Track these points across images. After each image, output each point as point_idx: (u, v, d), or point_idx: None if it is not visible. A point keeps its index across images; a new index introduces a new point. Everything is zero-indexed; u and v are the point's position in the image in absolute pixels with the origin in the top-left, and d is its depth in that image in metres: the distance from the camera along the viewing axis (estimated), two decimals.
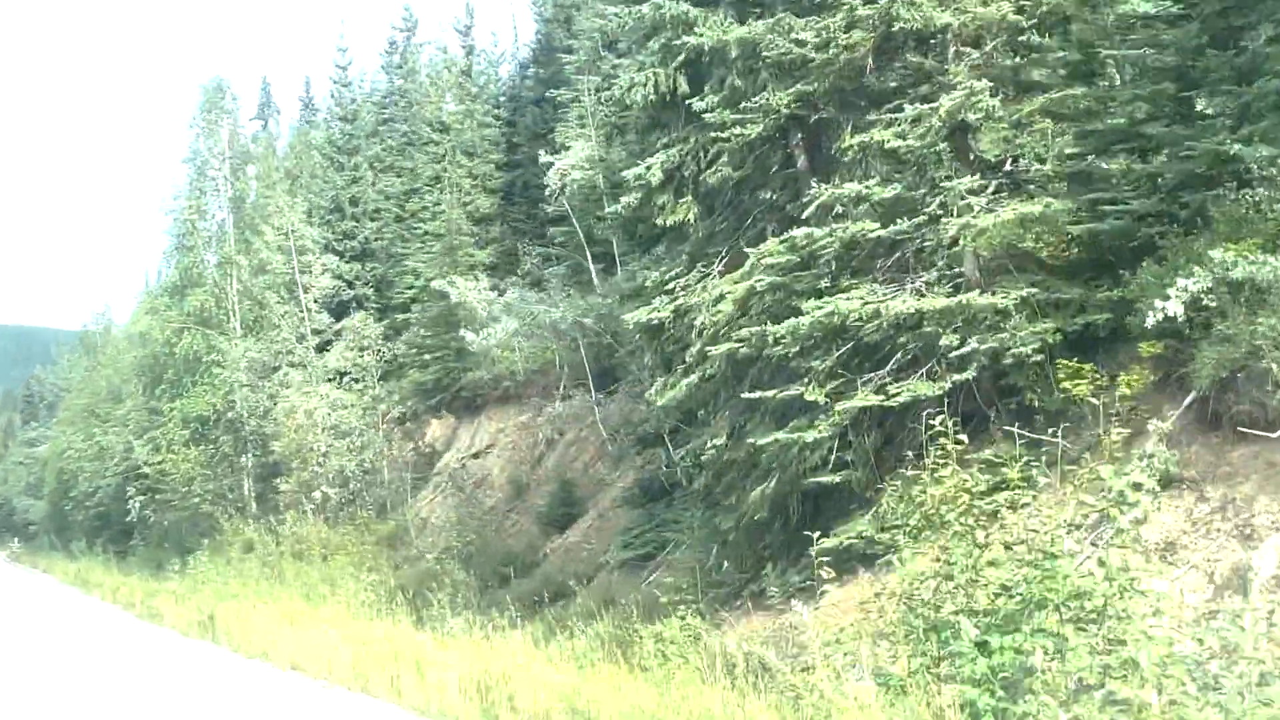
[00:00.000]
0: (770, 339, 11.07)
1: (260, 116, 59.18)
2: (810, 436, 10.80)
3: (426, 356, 25.60)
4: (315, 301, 31.93)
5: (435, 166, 32.25)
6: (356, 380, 28.07)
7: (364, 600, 17.86)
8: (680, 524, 15.01)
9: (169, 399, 39.40)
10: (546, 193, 27.83)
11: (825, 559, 11.96)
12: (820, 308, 10.62)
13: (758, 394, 11.01)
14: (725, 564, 12.83)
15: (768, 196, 12.21)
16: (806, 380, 11.00)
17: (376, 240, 35.25)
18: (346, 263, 34.25)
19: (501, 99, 39.82)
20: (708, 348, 11.49)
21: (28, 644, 19.68)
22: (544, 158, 28.45)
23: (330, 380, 29.21)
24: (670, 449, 15.29)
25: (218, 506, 35.05)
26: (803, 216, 11.43)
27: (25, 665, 16.36)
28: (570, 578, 16.63)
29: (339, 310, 33.50)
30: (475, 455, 24.04)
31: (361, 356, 26.55)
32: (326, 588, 21.62)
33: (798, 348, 10.91)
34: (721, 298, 11.82)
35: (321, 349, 31.85)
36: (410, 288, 31.68)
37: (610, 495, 18.24)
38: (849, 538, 11.26)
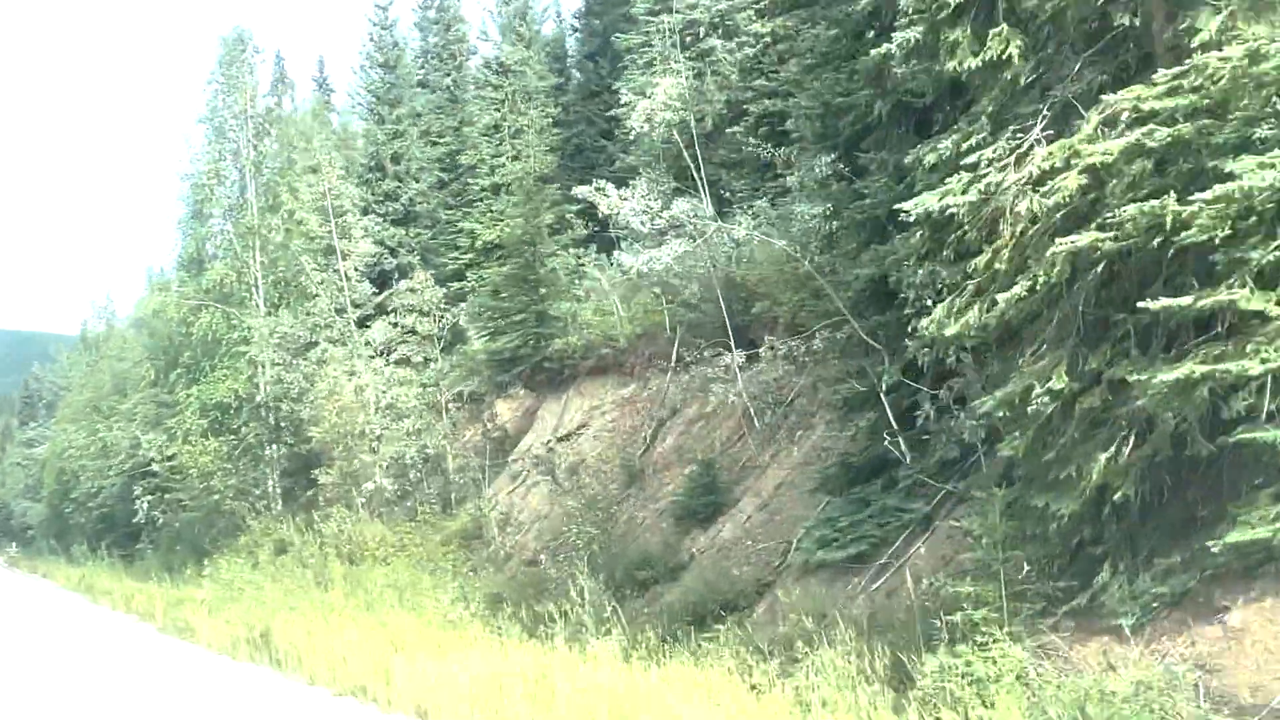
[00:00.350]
0: (1170, 221, 7.23)
1: (274, 93, 55.50)
2: (1255, 368, 6.96)
3: (501, 322, 21.68)
4: (355, 270, 28.01)
5: (494, 114, 28.38)
6: (405, 361, 24.11)
7: (463, 615, 14.00)
8: (911, 513, 11.18)
9: (184, 385, 35.53)
10: (631, 136, 24.08)
11: (1220, 561, 8.28)
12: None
13: (1163, 304, 7.13)
14: (1026, 567, 8.95)
15: (1123, 24, 8.41)
16: (1232, 280, 7.15)
17: (421, 203, 31.32)
18: (388, 227, 30.27)
19: (546, 58, 36.09)
20: (1058, 240, 7.65)
21: (37, 668, 15.83)
22: (626, 97, 24.81)
23: (374, 357, 25.31)
24: (890, 412, 11.43)
25: (243, 502, 31.23)
26: (1192, 45, 7.58)
27: (37, 700, 12.54)
28: (741, 584, 12.77)
29: (379, 281, 29.61)
30: (564, 438, 20.16)
31: (421, 323, 22.62)
32: (392, 595, 17.78)
33: (1226, 230, 7.06)
34: (1055, 170, 7.97)
35: (362, 323, 27.95)
36: (467, 252, 27.80)
37: (773, 479, 14.37)
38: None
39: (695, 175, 20.31)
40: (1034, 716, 7.59)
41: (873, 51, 9.59)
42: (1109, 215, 7.63)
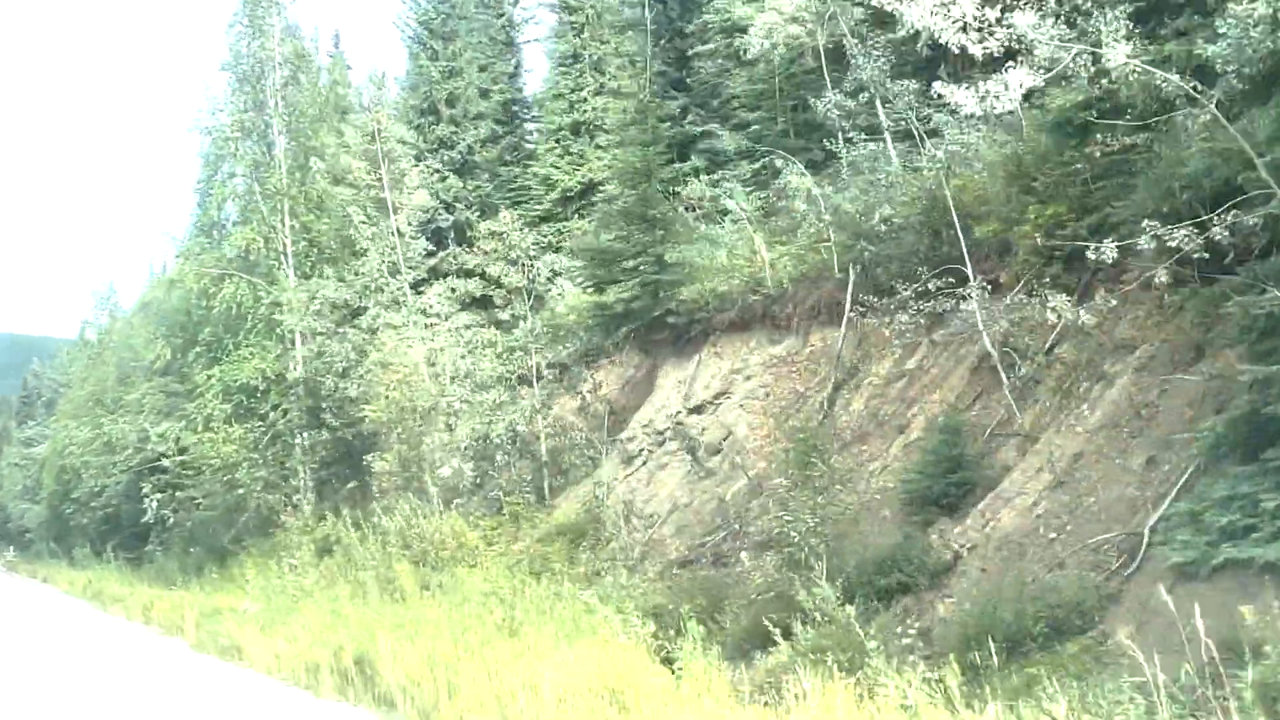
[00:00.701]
0: None
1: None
2: None
3: (609, 270, 17.66)
4: (409, 224, 24.05)
5: (571, 41, 24.38)
6: (490, 323, 20.14)
7: (637, 634, 10.04)
8: None
9: (204, 366, 31.45)
10: (747, 55, 20.27)
11: None
12: None
13: None
14: None
15: None
16: None
17: (482, 151, 27.25)
18: (447, 174, 26.17)
19: None
20: None
21: (55, 704, 11.88)
22: (740, 10, 21.10)
23: (432, 323, 21.36)
24: None
25: (274, 495, 27.31)
26: None
27: None
28: (1071, 595, 8.83)
29: (434, 240, 25.62)
30: (696, 409, 16.22)
31: (508, 274, 18.54)
32: (497, 605, 13.84)
33: None
34: None
35: (416, 288, 24.01)
36: (539, 203, 23.83)
37: (1060, 448, 10.39)
38: None
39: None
40: None
41: None
42: None
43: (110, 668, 15.40)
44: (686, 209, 17.95)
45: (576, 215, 23.94)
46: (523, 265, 18.41)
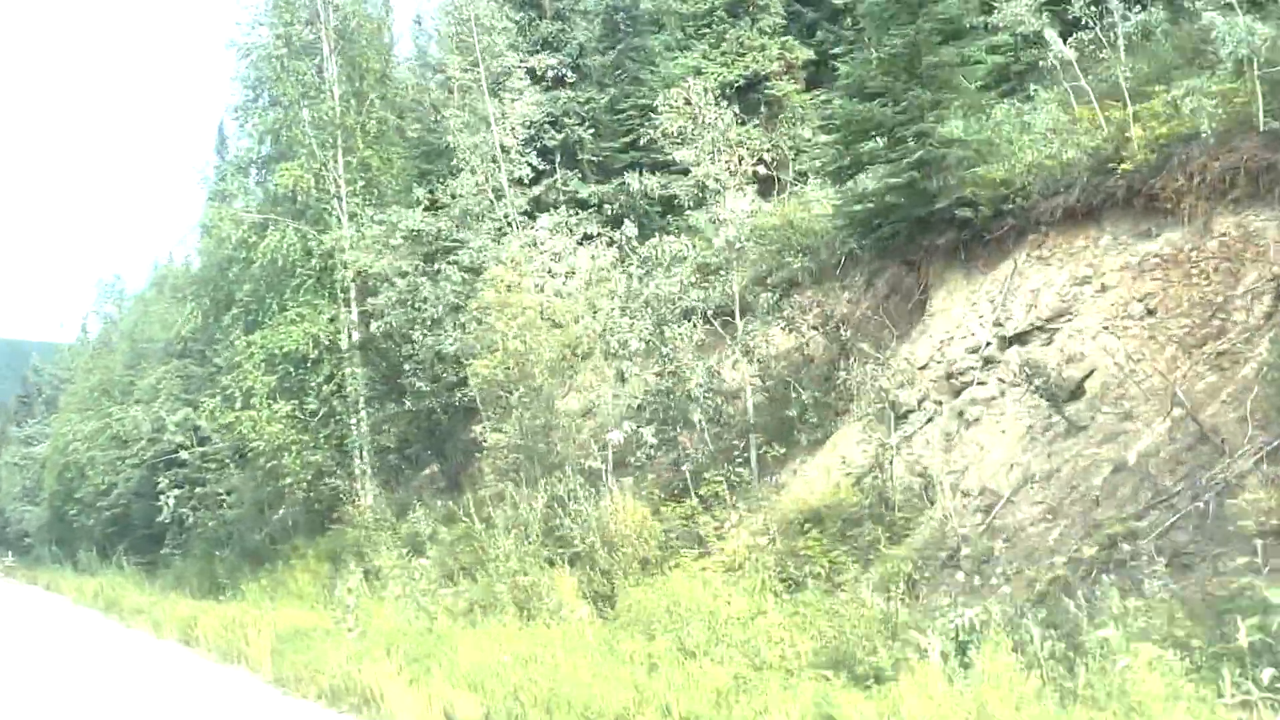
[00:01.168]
0: None
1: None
2: None
3: (862, 148, 12.47)
4: (514, 136, 18.87)
5: None
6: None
7: None
8: None
9: (244, 331, 26.17)
10: None
11: None
12: None
13: None
14: None
15: None
16: None
17: (597, 54, 22.02)
18: (550, 88, 20.99)
19: None
20: None
21: None
22: None
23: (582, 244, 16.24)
24: None
25: (341, 483, 22.25)
26: None
27: None
28: None
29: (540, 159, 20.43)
30: (1017, 337, 11.09)
31: (706, 161, 13.16)
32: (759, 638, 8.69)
33: None
34: None
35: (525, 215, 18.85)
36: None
37: None
38: None
39: None
40: None
41: None
42: None
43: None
44: (974, 62, 12.73)
45: (738, 121, 18.80)
46: (718, 151, 13.18)
